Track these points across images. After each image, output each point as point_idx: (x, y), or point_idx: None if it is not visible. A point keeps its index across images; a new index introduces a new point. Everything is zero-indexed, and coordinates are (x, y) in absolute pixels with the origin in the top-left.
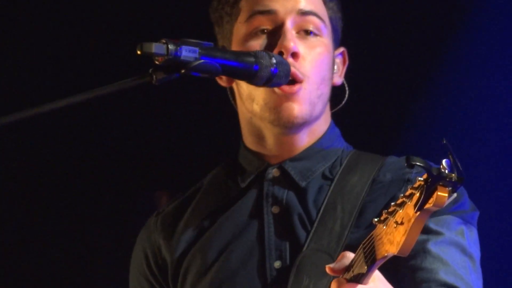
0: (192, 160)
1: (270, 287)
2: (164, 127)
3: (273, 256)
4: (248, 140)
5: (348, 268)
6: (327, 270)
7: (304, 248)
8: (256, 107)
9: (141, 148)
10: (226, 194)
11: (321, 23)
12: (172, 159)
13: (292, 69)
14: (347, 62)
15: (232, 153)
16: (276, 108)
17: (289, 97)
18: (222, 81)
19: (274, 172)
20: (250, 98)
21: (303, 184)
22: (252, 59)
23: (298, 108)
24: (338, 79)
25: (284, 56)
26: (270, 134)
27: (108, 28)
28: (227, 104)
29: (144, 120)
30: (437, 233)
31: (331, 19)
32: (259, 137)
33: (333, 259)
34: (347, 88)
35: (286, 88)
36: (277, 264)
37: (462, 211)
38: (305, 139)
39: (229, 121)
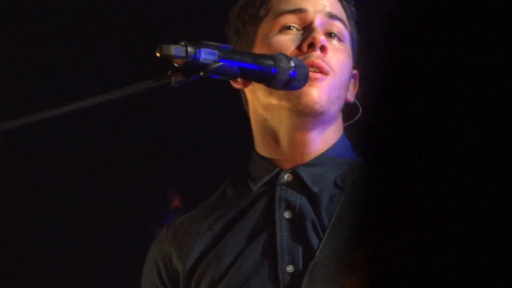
0: (205, 161)
1: None
2: (175, 128)
3: (285, 261)
4: (260, 145)
5: None
6: None
7: (317, 254)
8: (274, 100)
9: (154, 149)
10: (237, 201)
11: (346, 31)
12: (185, 160)
13: (319, 61)
14: (357, 86)
15: (243, 164)
16: (296, 93)
17: (311, 83)
18: (238, 83)
19: (287, 176)
20: (269, 93)
21: (315, 189)
22: (270, 62)
23: (318, 94)
24: (351, 97)
25: (313, 48)
26: (284, 133)
27: (125, 30)
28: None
29: (156, 122)
30: None
31: (351, 35)
32: (273, 139)
33: (345, 266)
34: (360, 106)
35: (310, 73)
36: (289, 268)
37: None
38: (317, 144)
39: (242, 127)
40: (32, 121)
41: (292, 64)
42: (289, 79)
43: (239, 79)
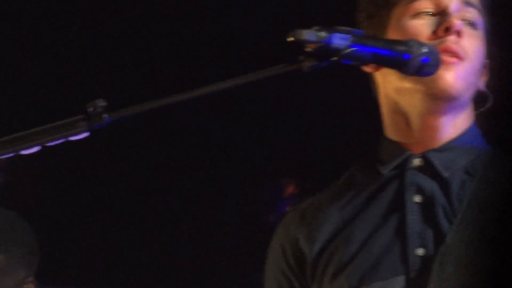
0: (317, 148)
1: (413, 273)
2: (293, 118)
3: (416, 244)
4: (390, 129)
5: None
6: None
7: (448, 238)
8: (408, 83)
9: (268, 136)
10: (367, 185)
11: (481, 19)
12: (297, 147)
13: (455, 46)
14: (487, 76)
15: (369, 151)
16: (432, 77)
17: (446, 67)
18: (369, 67)
19: (417, 161)
20: (401, 76)
21: (446, 174)
22: (403, 48)
23: (454, 79)
24: (481, 85)
25: (449, 33)
26: (416, 116)
27: (256, 16)
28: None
29: (277, 111)
30: None
31: (484, 23)
32: (404, 123)
33: (475, 252)
34: (490, 95)
35: (445, 57)
36: (420, 251)
37: None
38: (448, 130)
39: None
40: (152, 107)
41: (425, 50)
42: (421, 65)
43: (372, 64)
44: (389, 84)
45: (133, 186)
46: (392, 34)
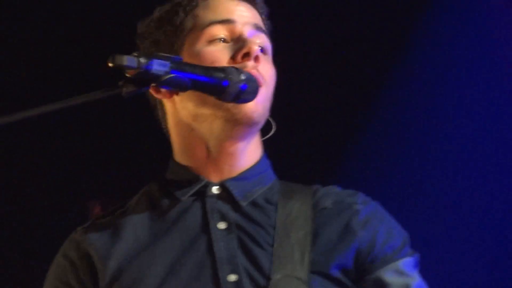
0: (125, 171)
1: None
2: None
3: (227, 270)
4: (183, 156)
5: None
6: None
7: (274, 274)
8: (208, 110)
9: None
10: (164, 209)
11: (270, 45)
12: (105, 169)
13: (255, 71)
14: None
15: (158, 173)
16: (233, 103)
17: None
18: (160, 94)
19: (215, 189)
20: (202, 103)
21: (244, 204)
22: (221, 75)
23: (256, 104)
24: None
25: (248, 58)
26: (214, 142)
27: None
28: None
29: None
30: (410, 276)
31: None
32: (199, 149)
33: (303, 283)
34: (273, 122)
35: None
36: (232, 277)
37: (410, 252)
38: (245, 157)
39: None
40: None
41: (243, 77)
42: (239, 91)
43: (161, 89)
44: (184, 110)
45: None
46: (188, 60)
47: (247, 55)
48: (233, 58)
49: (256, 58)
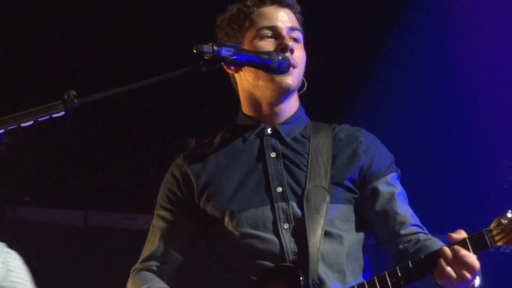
0: (211, 118)
1: (275, 203)
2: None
3: (275, 184)
4: (247, 109)
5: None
6: (449, 237)
7: (307, 185)
8: (262, 82)
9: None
10: (236, 143)
11: (301, 35)
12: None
13: (291, 59)
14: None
15: (230, 120)
16: (278, 79)
17: (288, 72)
18: (231, 70)
19: (269, 130)
20: (257, 78)
21: (288, 139)
22: (266, 56)
23: (292, 80)
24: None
25: (285, 50)
26: (266, 104)
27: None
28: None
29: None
30: (395, 186)
31: (303, 37)
32: (258, 106)
33: (326, 191)
34: (305, 82)
35: None
36: (279, 189)
37: (395, 169)
38: (286, 110)
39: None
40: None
41: (280, 57)
42: (277, 67)
43: (232, 67)
44: (246, 82)
45: None
46: (247, 48)
47: (285, 49)
48: (275, 50)
49: (291, 50)
